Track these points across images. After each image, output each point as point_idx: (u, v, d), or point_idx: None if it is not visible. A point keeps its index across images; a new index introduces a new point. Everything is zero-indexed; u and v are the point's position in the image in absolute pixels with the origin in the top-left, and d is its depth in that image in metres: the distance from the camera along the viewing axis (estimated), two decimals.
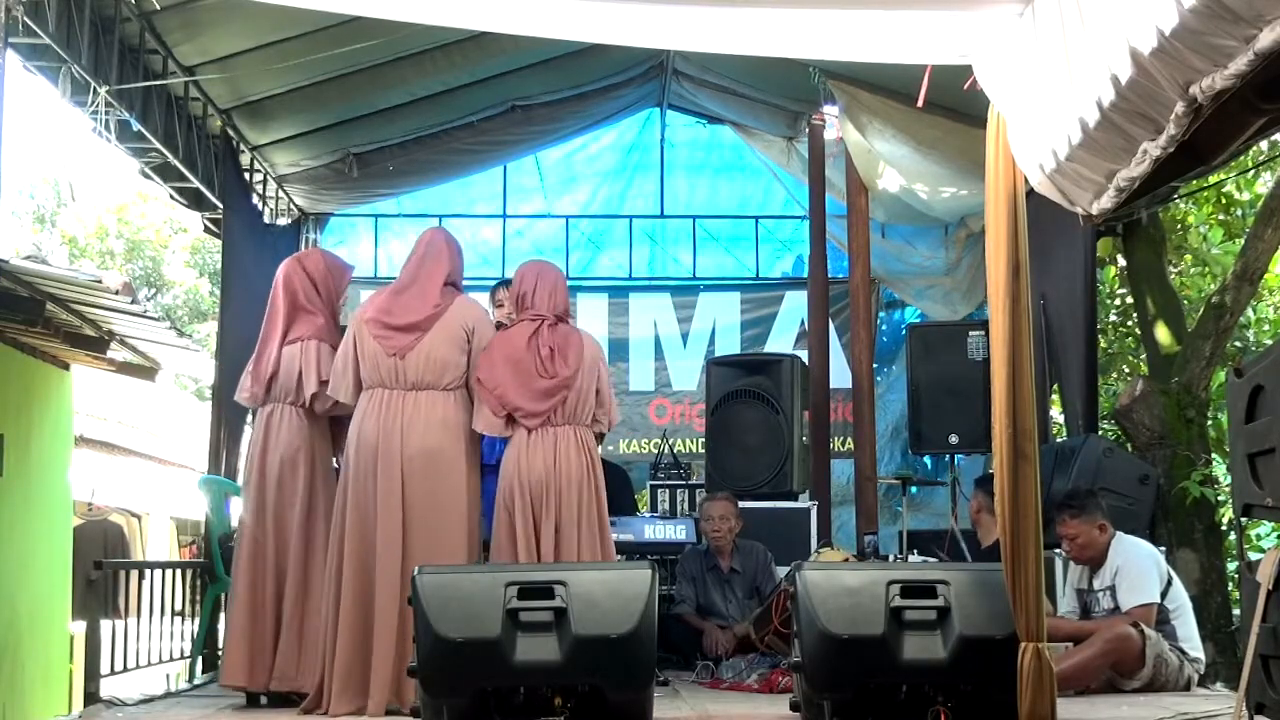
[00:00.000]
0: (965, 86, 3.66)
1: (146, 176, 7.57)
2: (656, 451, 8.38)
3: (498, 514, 4.98)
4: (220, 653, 5.73)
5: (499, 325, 5.71)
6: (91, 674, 5.45)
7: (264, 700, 5.11)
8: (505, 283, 6.15)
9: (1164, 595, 5.48)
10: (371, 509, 4.81)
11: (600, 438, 5.27)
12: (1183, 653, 5.40)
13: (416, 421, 4.85)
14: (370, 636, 4.73)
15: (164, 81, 6.83)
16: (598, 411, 5.10)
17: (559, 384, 4.97)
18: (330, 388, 5.05)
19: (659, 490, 7.79)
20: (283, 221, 9.15)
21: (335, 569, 4.85)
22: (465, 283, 5.26)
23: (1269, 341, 9.55)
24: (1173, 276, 9.17)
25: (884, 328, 10.05)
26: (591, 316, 9.69)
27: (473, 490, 4.96)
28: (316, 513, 5.12)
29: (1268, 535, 9.18)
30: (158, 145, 6.98)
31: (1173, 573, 5.66)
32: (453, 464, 4.88)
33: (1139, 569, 5.47)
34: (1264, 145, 8.23)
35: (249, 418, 7.73)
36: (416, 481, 4.82)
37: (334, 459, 5.28)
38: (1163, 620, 5.44)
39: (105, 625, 5.70)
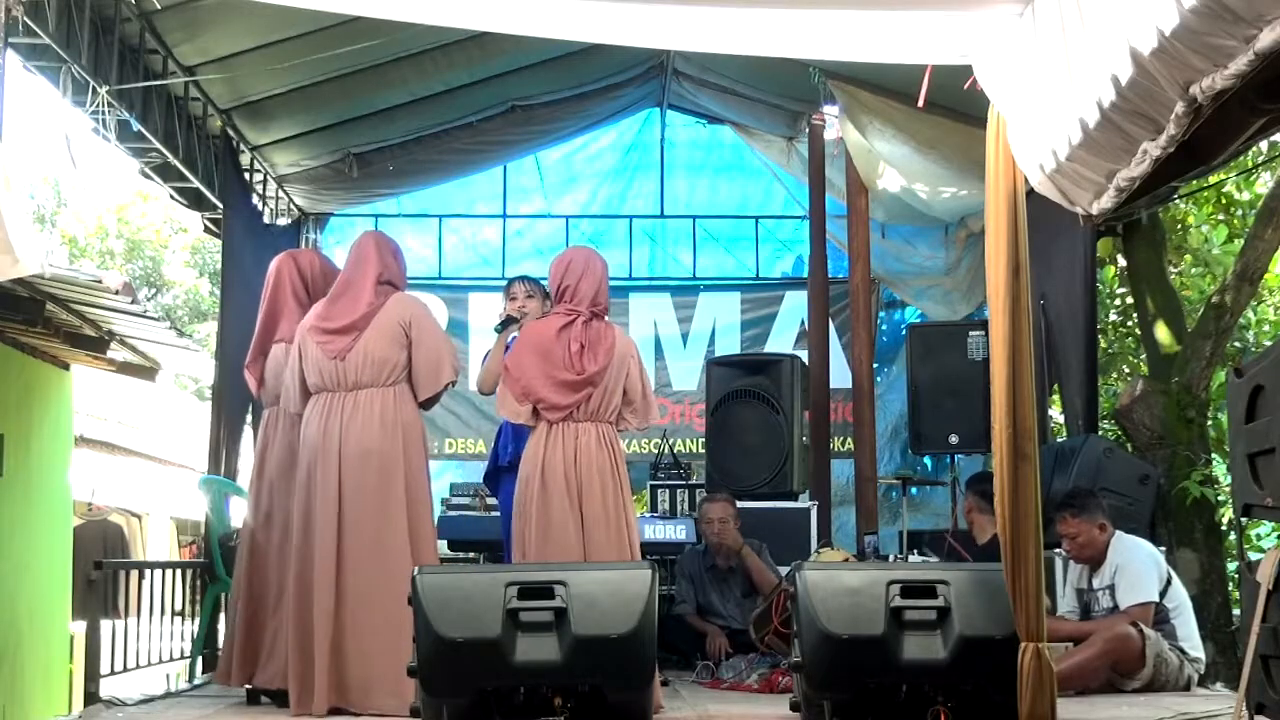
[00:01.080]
0: (965, 86, 3.66)
1: (146, 176, 7.57)
2: (656, 451, 8.37)
3: (516, 508, 4.97)
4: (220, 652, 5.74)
5: (509, 319, 5.65)
6: (91, 674, 5.45)
7: (265, 700, 5.12)
8: (520, 278, 6.05)
9: (1163, 595, 5.49)
10: (314, 511, 4.83)
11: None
12: (1183, 652, 5.40)
13: (355, 420, 4.87)
14: (310, 638, 4.73)
15: (164, 81, 6.82)
16: (624, 409, 5.06)
17: (585, 380, 4.96)
18: (283, 400, 5.09)
19: (659, 490, 7.77)
20: (283, 221, 9.14)
21: (292, 572, 4.89)
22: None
23: (1269, 341, 9.55)
24: (1173, 276, 9.16)
25: (884, 328, 10.04)
26: None
27: (418, 486, 4.95)
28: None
29: (1268, 535, 9.17)
30: (158, 145, 6.97)
31: (1172, 572, 5.66)
32: (392, 461, 4.87)
33: (1138, 568, 5.47)
34: (1264, 145, 8.22)
35: (248, 418, 7.75)
36: (354, 480, 4.82)
37: None
38: (1162, 620, 5.44)
39: (105, 625, 5.70)
